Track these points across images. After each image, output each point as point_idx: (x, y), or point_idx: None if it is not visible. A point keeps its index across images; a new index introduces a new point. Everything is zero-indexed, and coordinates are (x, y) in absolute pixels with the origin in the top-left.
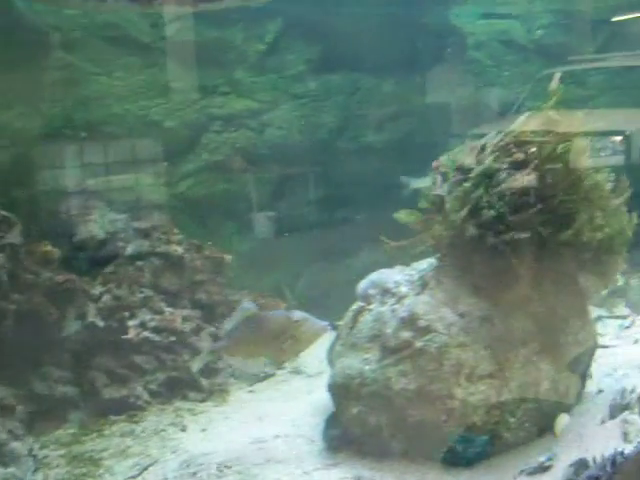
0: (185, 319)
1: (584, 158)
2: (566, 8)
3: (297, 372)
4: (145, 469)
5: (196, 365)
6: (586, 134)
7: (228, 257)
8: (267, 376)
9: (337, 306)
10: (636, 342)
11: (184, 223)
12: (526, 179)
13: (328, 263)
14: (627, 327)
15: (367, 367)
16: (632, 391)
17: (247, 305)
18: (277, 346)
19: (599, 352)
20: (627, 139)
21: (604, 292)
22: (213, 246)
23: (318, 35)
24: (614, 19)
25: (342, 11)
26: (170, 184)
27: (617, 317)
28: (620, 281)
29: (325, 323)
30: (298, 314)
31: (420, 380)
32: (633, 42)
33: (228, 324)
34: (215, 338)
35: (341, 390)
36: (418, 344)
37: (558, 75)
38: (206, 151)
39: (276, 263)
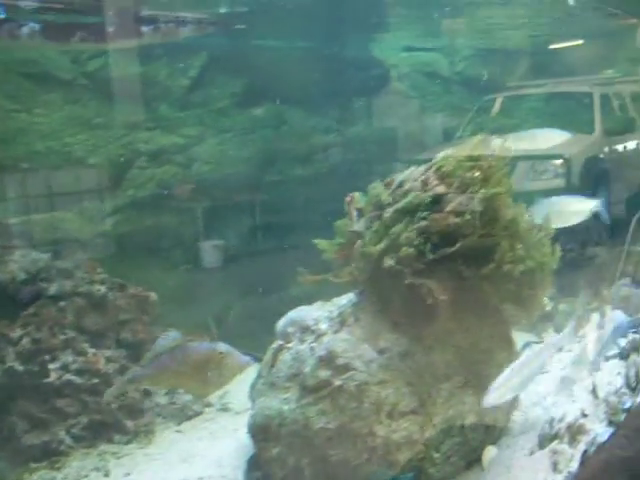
0: (109, 360)
1: (504, 192)
2: (486, 42)
3: (224, 409)
4: None
5: (109, 393)
6: (527, 157)
7: (153, 295)
8: (195, 414)
9: (267, 339)
10: (564, 368)
11: (111, 261)
12: (447, 215)
13: (258, 295)
14: (556, 352)
15: (286, 407)
16: (561, 420)
17: (172, 334)
18: (201, 378)
19: None
20: (567, 162)
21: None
22: (139, 284)
23: (242, 69)
24: (551, 47)
25: (266, 45)
26: (95, 221)
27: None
28: (549, 306)
29: (248, 358)
30: (223, 346)
31: (340, 419)
32: (567, 69)
33: (150, 353)
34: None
35: (261, 431)
36: (337, 383)
37: (500, 100)
38: (132, 187)
39: (206, 297)
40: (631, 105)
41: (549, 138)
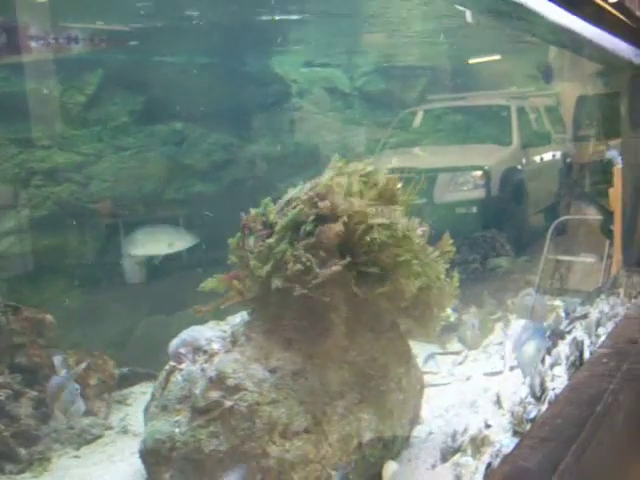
0: (1, 386)
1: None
2: (386, 58)
3: (124, 432)
4: None
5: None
6: (446, 169)
7: (49, 317)
8: (94, 438)
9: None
10: (468, 379)
11: (6, 283)
12: (333, 232)
13: (162, 315)
14: (460, 363)
15: (177, 430)
16: (464, 432)
17: (57, 357)
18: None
19: (431, 391)
20: (486, 173)
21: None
22: (37, 305)
23: (141, 86)
24: (470, 61)
25: (165, 61)
26: None
27: (450, 353)
28: (452, 317)
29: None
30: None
31: (232, 440)
32: (484, 84)
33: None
34: (37, 403)
35: (152, 456)
36: (228, 404)
37: (421, 113)
38: (28, 207)
39: (109, 317)
40: (546, 118)
41: (468, 151)
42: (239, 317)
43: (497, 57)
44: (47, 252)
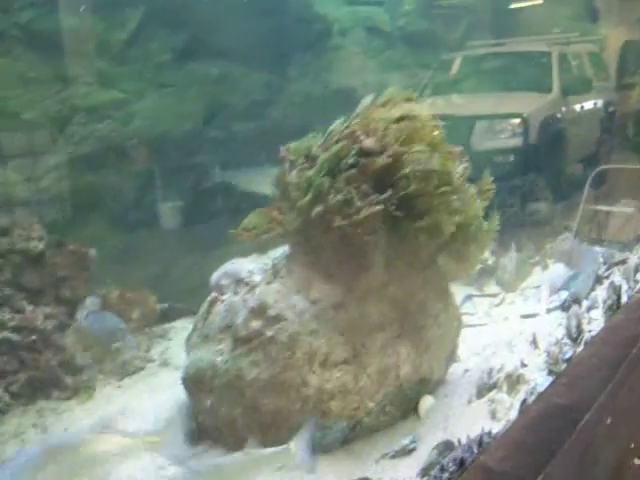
0: (47, 317)
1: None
2: None
3: (165, 364)
4: None
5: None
6: (485, 117)
7: (92, 251)
8: (136, 370)
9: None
10: (506, 320)
11: (50, 218)
12: (377, 165)
13: (201, 253)
14: (497, 305)
15: (219, 358)
16: (500, 369)
17: (91, 299)
18: (105, 348)
19: (468, 332)
20: (524, 121)
21: (476, 272)
22: (78, 241)
23: (182, 23)
24: (512, 6)
25: None
26: (33, 179)
27: (487, 296)
28: (490, 260)
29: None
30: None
31: (272, 369)
32: (527, 28)
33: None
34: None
35: (194, 383)
36: (269, 333)
37: (459, 59)
38: (71, 143)
39: (149, 255)
40: (588, 65)
41: (506, 99)
42: (280, 251)
43: (539, 2)
44: (88, 189)
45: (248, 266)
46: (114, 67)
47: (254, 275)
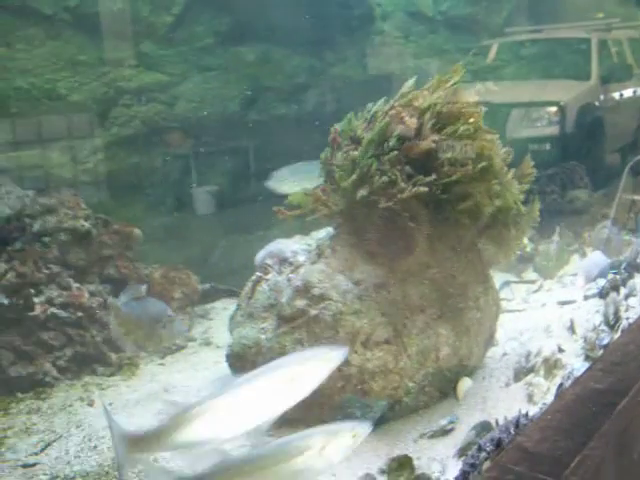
0: (93, 294)
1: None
2: None
3: (207, 343)
4: (48, 445)
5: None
6: (522, 104)
7: (137, 231)
8: (178, 348)
9: (248, 276)
10: (543, 306)
11: (95, 198)
12: (420, 148)
13: (242, 236)
14: (535, 291)
15: (263, 336)
16: (537, 354)
17: (137, 286)
18: (150, 333)
19: (506, 317)
20: (562, 109)
21: (514, 258)
22: (122, 221)
23: (226, 6)
24: None
25: None
26: (79, 159)
27: (525, 282)
28: (528, 247)
29: (185, 329)
30: (170, 312)
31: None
32: (570, 13)
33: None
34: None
35: (238, 359)
36: (313, 312)
37: (495, 46)
38: (116, 125)
39: (190, 237)
40: (629, 51)
41: (543, 86)
42: (324, 232)
43: None
44: (132, 171)
45: (292, 246)
46: (159, 50)
47: (298, 255)
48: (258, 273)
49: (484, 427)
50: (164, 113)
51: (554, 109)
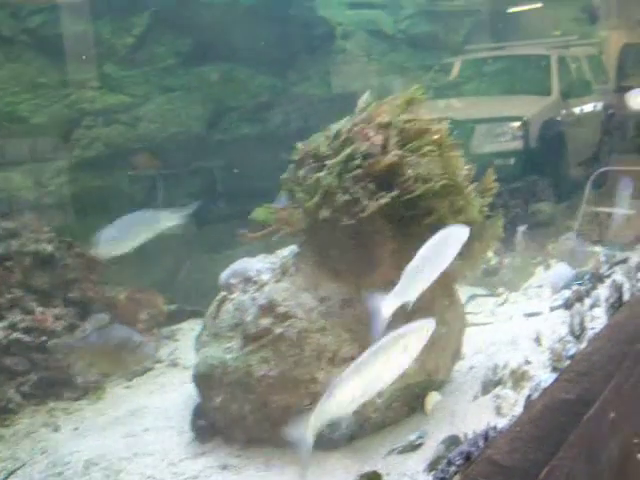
0: (57, 318)
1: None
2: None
3: (174, 365)
4: (12, 473)
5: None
6: (485, 120)
7: None
8: (145, 370)
9: (214, 295)
10: (509, 318)
11: (58, 221)
12: (384, 163)
13: (208, 256)
14: (501, 304)
15: (229, 356)
16: (504, 366)
17: (100, 316)
18: (116, 360)
19: (472, 330)
20: (524, 124)
21: (479, 272)
22: (86, 244)
23: (187, 27)
24: (510, 10)
25: (211, 2)
26: (42, 182)
27: (491, 295)
28: (493, 260)
29: (153, 352)
30: (137, 337)
31: (282, 366)
32: (527, 31)
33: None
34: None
35: (204, 380)
36: (278, 330)
37: (459, 63)
38: (78, 147)
39: (156, 258)
40: (587, 68)
41: (506, 102)
42: (288, 250)
43: (539, 5)
44: (96, 193)
45: (256, 265)
46: (121, 71)
47: (262, 274)
48: (223, 293)
49: (453, 441)
50: (127, 134)
51: (517, 124)
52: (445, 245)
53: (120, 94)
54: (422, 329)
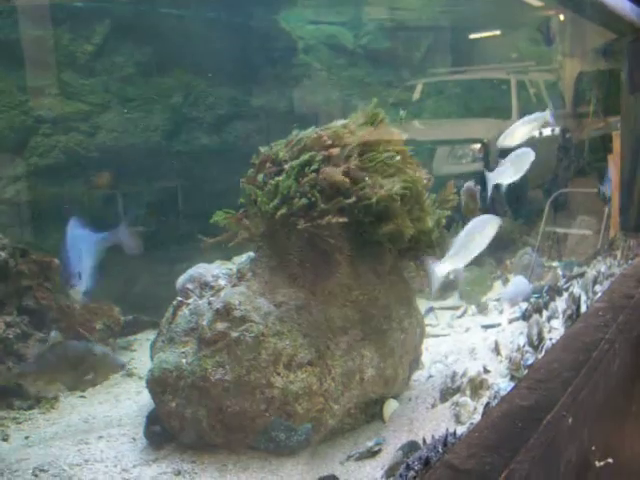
0: (9, 325)
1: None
2: (390, 17)
3: (129, 375)
4: None
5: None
6: (446, 142)
7: (57, 261)
8: (100, 381)
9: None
10: (467, 330)
11: (13, 229)
12: (340, 170)
13: (167, 268)
14: (459, 317)
15: (184, 360)
16: (463, 375)
17: (52, 334)
18: (76, 376)
19: (430, 341)
20: (485, 146)
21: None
22: (42, 251)
23: (148, 37)
24: (471, 37)
25: (171, 13)
26: None
27: (449, 308)
28: (452, 274)
29: (122, 362)
30: (99, 349)
31: (237, 370)
32: (486, 57)
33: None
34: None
35: (159, 385)
36: (234, 334)
37: (420, 86)
38: (35, 155)
39: (112, 267)
40: (545, 92)
41: (467, 124)
42: (245, 256)
43: (497, 32)
44: (52, 201)
45: (213, 271)
46: (80, 79)
47: (219, 279)
48: (179, 298)
49: (412, 447)
50: (85, 143)
51: (478, 146)
52: (485, 226)
53: (79, 102)
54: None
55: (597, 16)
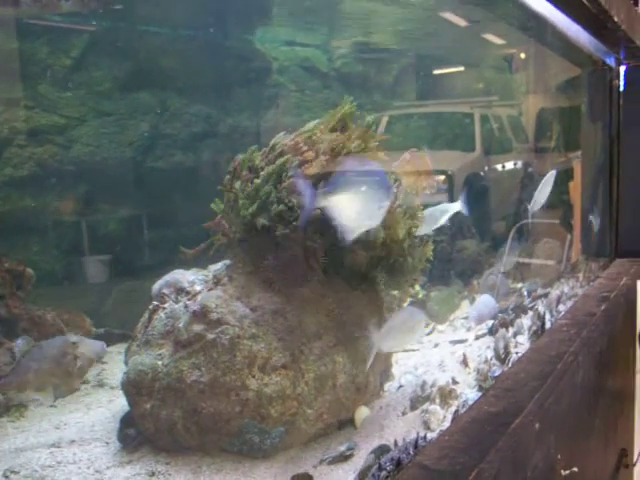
0: None
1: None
2: (363, 40)
3: (100, 385)
4: None
5: None
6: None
7: (30, 271)
8: (71, 391)
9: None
10: (436, 346)
11: None
12: (310, 170)
13: (138, 280)
14: (428, 334)
15: (160, 362)
16: (432, 385)
17: (20, 341)
18: (63, 371)
19: (400, 355)
20: (450, 178)
21: (406, 304)
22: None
23: (125, 53)
24: (435, 72)
25: (149, 30)
26: None
27: None
28: (420, 294)
29: (101, 343)
30: (75, 337)
31: (213, 372)
32: (450, 91)
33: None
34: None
35: (134, 387)
36: (210, 336)
37: (385, 119)
38: (9, 166)
39: (85, 281)
40: (508, 126)
41: (432, 156)
42: (221, 263)
43: (461, 68)
44: (26, 212)
45: (189, 277)
46: (56, 92)
47: (195, 285)
48: (155, 302)
49: (383, 450)
50: (60, 155)
51: (442, 177)
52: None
53: (54, 115)
54: None
55: (558, 47)
